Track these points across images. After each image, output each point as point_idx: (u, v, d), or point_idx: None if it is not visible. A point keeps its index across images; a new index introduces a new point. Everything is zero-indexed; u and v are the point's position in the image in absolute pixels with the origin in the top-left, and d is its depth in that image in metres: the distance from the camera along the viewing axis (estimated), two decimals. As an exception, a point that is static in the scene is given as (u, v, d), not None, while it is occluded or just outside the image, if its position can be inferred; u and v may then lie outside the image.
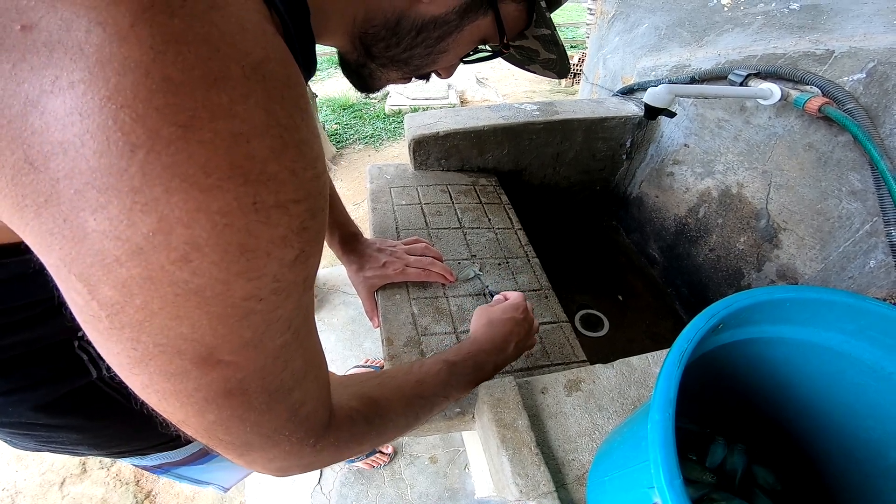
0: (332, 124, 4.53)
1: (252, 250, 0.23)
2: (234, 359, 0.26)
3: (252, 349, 0.26)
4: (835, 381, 0.47)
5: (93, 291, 0.22)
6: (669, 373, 0.34)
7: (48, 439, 0.54)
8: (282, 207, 0.23)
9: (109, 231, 0.20)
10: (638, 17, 1.31)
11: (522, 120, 1.15)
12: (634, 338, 1.18)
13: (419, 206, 1.03)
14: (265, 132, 0.22)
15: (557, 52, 0.54)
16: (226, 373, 0.26)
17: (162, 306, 0.22)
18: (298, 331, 0.30)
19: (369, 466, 1.49)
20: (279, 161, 0.23)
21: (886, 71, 0.70)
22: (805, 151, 0.86)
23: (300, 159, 0.24)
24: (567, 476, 0.53)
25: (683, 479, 0.28)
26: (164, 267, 0.21)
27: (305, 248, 0.26)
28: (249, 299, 0.24)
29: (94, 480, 1.59)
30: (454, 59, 0.49)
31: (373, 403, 0.43)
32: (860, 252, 0.79)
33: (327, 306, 2.05)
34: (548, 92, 5.94)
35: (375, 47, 0.44)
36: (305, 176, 0.25)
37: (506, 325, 0.64)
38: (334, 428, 0.37)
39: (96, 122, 0.19)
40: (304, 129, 0.25)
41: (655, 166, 1.29)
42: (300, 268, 0.26)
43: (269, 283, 0.25)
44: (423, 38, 0.44)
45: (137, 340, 0.23)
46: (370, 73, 0.48)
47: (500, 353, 0.61)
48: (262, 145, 0.22)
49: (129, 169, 0.19)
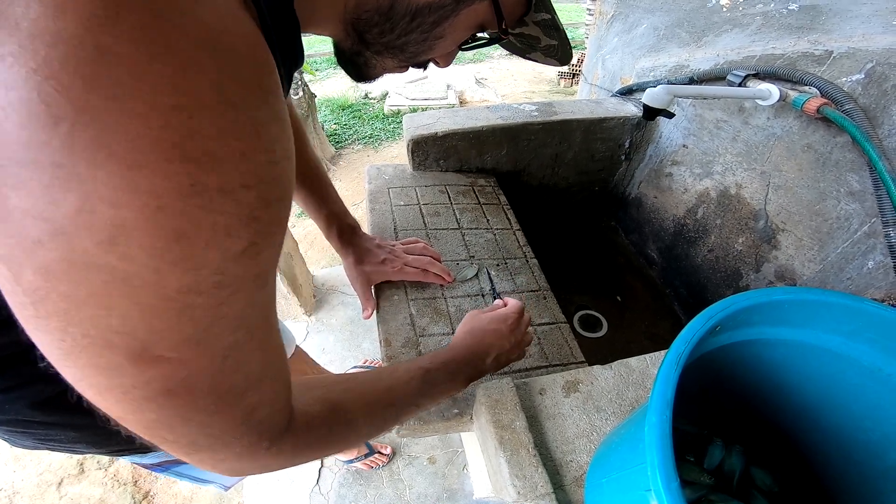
0: (330, 124, 4.53)
1: (189, 237, 0.21)
2: (174, 356, 0.24)
3: (195, 346, 0.24)
4: (833, 382, 0.47)
5: (17, 276, 0.20)
6: (667, 375, 0.34)
7: (46, 437, 0.53)
8: (226, 192, 0.21)
9: (30, 209, 0.19)
10: (637, 18, 1.31)
11: (521, 120, 1.15)
12: (633, 338, 1.18)
13: (418, 206, 1.03)
14: (211, 109, 0.20)
15: (559, 38, 0.52)
16: (165, 370, 0.24)
17: (89, 294, 0.21)
18: (253, 331, 0.28)
19: (368, 467, 1.49)
20: (225, 141, 0.21)
21: (885, 72, 0.70)
22: (803, 152, 0.86)
23: (253, 141, 0.22)
24: (565, 477, 0.53)
25: (681, 480, 0.28)
26: (89, 250, 0.20)
27: (256, 239, 0.24)
28: (187, 292, 0.22)
29: (91, 481, 1.59)
30: (451, 46, 0.48)
31: (336, 409, 0.41)
32: (858, 253, 0.79)
33: (326, 307, 2.05)
34: (546, 92, 5.94)
35: (369, 34, 0.43)
36: (258, 160, 0.23)
37: (487, 336, 0.61)
38: (292, 433, 0.35)
39: (19, 95, 0.17)
40: (262, 111, 0.23)
41: (654, 167, 1.29)
42: (249, 262, 0.24)
43: (211, 275, 0.23)
44: (418, 23, 0.42)
45: (65, 331, 0.22)
46: (365, 62, 0.47)
47: (475, 366, 0.58)
48: (205, 122, 0.20)
49: (52, 142, 0.18)
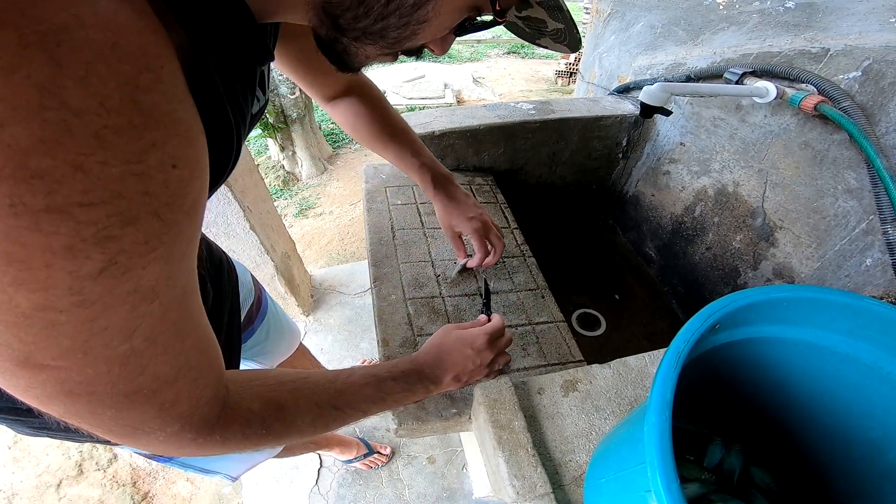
0: (328, 124, 4.52)
1: (21, 260, 0.20)
2: (60, 364, 0.24)
3: (81, 356, 0.24)
4: (832, 380, 0.47)
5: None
6: (666, 375, 0.34)
7: (40, 424, 0.53)
8: (59, 212, 0.19)
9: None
10: (634, 16, 1.31)
11: (518, 119, 1.15)
12: (631, 337, 1.17)
13: (415, 205, 1.02)
14: (33, 116, 0.18)
15: (563, 19, 0.47)
16: (57, 375, 0.24)
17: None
18: (154, 339, 0.27)
19: (367, 467, 1.49)
20: (53, 154, 0.19)
21: (882, 69, 0.70)
22: (801, 150, 0.86)
23: (98, 152, 0.20)
24: (564, 477, 0.52)
25: (681, 477, 0.27)
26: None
27: (118, 259, 0.22)
28: (44, 310, 0.21)
29: (90, 482, 1.58)
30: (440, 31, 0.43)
31: (277, 409, 0.41)
32: (856, 250, 0.79)
33: (324, 307, 2.04)
34: (544, 91, 5.94)
35: (342, 18, 0.38)
36: (109, 174, 0.20)
37: (451, 355, 0.60)
38: (223, 426, 0.35)
39: None
40: (121, 114, 0.20)
41: (651, 165, 1.29)
42: (114, 281, 0.23)
43: (65, 295, 0.21)
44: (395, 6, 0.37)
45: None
46: (344, 49, 0.43)
47: (433, 381, 0.57)
48: (24, 132, 0.18)
49: None
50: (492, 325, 0.64)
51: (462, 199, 0.82)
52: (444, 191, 0.82)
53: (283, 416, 0.42)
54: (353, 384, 0.49)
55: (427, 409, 0.64)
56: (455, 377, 0.59)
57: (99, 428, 0.29)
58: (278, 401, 0.42)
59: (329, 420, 0.47)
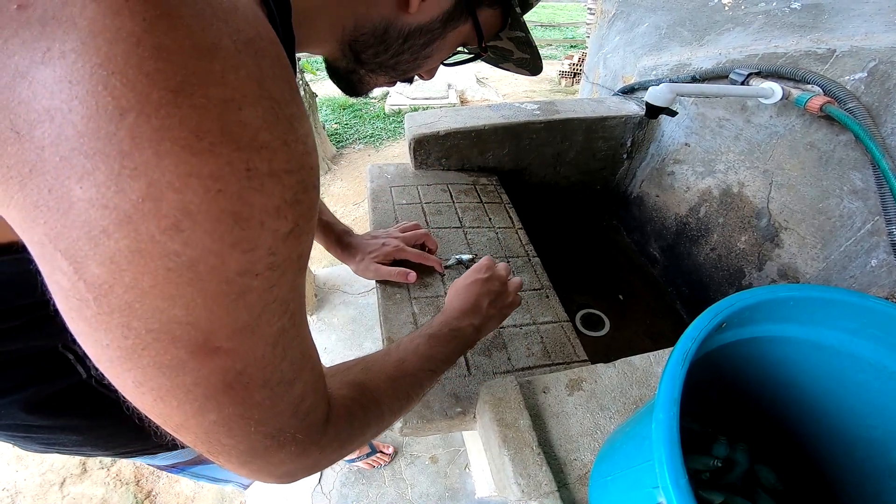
0: (331, 124, 4.53)
1: (246, 219, 0.22)
2: (231, 345, 0.25)
3: (250, 334, 0.25)
4: (837, 379, 0.47)
5: (79, 270, 0.21)
6: (673, 372, 0.34)
7: (49, 441, 0.53)
8: (275, 176, 0.23)
9: (96, 199, 0.19)
10: (638, 17, 1.31)
11: (523, 119, 1.15)
12: (635, 337, 1.17)
13: (420, 205, 1.03)
14: (257, 102, 0.22)
15: (531, 52, 0.57)
16: (224, 363, 0.25)
17: (153, 283, 0.21)
18: (294, 316, 0.29)
19: (370, 466, 1.49)
20: (271, 131, 0.23)
21: (888, 70, 0.70)
22: (806, 150, 0.86)
23: (291, 132, 0.24)
24: (569, 476, 0.53)
25: (691, 469, 0.28)
26: (155, 237, 0.20)
27: (299, 221, 0.25)
28: (245, 274, 0.23)
29: (94, 480, 1.59)
30: (437, 63, 0.53)
31: (363, 389, 0.42)
32: (862, 251, 0.78)
33: (327, 306, 2.05)
34: (548, 91, 5.95)
35: (364, 54, 0.46)
36: (297, 149, 0.24)
37: (471, 287, 0.63)
38: (334, 422, 0.36)
39: (85, 88, 0.18)
40: (294, 106, 0.25)
41: (656, 165, 1.29)
42: (294, 243, 0.25)
43: (265, 256, 0.24)
44: (410, 44, 0.46)
45: (128, 327, 0.22)
46: (360, 79, 0.51)
47: (475, 314, 0.60)
48: (253, 114, 0.22)
49: (118, 132, 0.19)
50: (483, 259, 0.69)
51: (368, 241, 0.85)
52: (351, 246, 0.85)
53: (372, 395, 0.42)
54: (406, 349, 0.51)
55: (432, 408, 0.64)
56: (490, 303, 0.62)
57: (242, 442, 0.29)
58: (360, 382, 0.42)
59: (408, 389, 0.48)
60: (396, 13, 0.43)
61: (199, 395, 0.25)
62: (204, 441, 0.28)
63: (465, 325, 0.59)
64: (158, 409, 0.26)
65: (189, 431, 0.27)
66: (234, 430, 0.28)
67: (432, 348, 0.53)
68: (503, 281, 0.66)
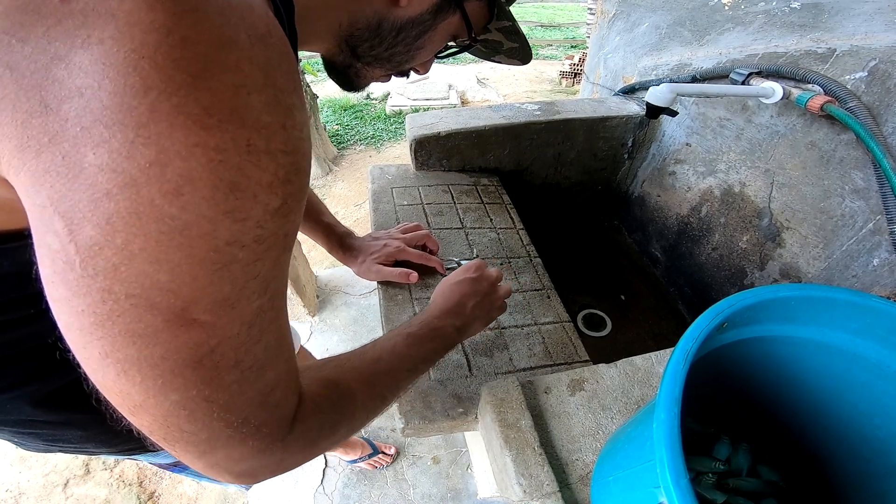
0: (332, 125, 4.54)
1: (241, 190, 0.24)
2: (208, 318, 0.25)
3: (228, 309, 0.26)
4: (840, 379, 0.47)
5: (73, 231, 0.22)
6: (675, 371, 0.34)
7: (53, 438, 0.54)
8: (271, 154, 0.25)
9: (106, 164, 0.21)
10: (638, 17, 1.31)
11: (524, 120, 1.15)
12: (637, 338, 1.17)
13: (421, 206, 1.03)
14: (263, 89, 0.24)
15: (519, 41, 0.59)
16: (198, 336, 0.25)
17: (143, 247, 0.22)
18: (274, 299, 0.29)
19: (372, 467, 1.49)
20: (272, 115, 0.25)
21: (888, 69, 0.70)
22: (807, 150, 0.86)
23: (290, 118, 0.26)
24: (571, 476, 0.53)
25: (693, 471, 0.28)
26: (154, 200, 0.22)
27: (288, 200, 0.27)
28: (233, 244, 0.25)
29: (97, 481, 1.59)
30: (430, 55, 0.55)
31: (335, 386, 0.41)
32: (863, 250, 0.78)
33: (329, 307, 2.05)
34: (548, 92, 5.95)
35: (360, 48, 0.49)
36: (294, 133, 0.26)
37: (458, 287, 0.63)
38: (301, 419, 0.35)
39: (117, 69, 0.20)
40: (295, 96, 0.27)
41: (657, 166, 1.29)
42: (282, 220, 0.27)
43: (253, 227, 0.25)
44: (403, 37, 0.49)
45: (109, 290, 0.23)
46: (356, 73, 0.53)
47: (458, 315, 0.59)
48: (259, 99, 0.24)
49: (139, 107, 0.21)
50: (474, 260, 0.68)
51: (369, 242, 0.85)
52: (352, 248, 0.85)
53: (344, 393, 0.41)
54: (384, 349, 0.50)
55: (434, 409, 0.64)
56: (476, 305, 0.62)
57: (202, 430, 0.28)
58: (332, 379, 0.42)
59: (382, 389, 0.47)
60: (388, 7, 0.45)
61: (166, 369, 0.25)
62: (161, 425, 0.27)
63: (447, 325, 0.58)
64: (120, 384, 0.25)
65: (147, 412, 0.27)
66: (196, 415, 0.27)
67: (410, 347, 0.52)
68: (492, 283, 0.65)
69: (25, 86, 0.21)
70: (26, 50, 0.21)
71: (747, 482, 0.53)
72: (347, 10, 0.45)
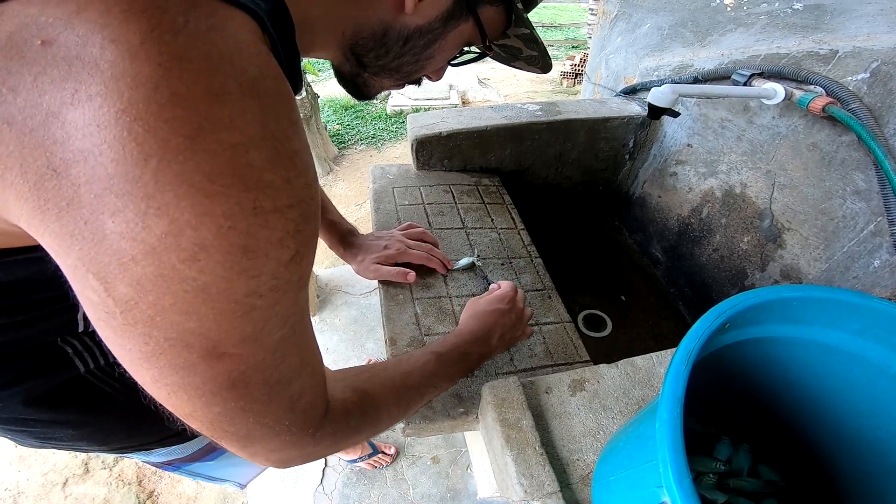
0: (333, 125, 4.54)
1: (253, 251, 0.25)
2: (236, 351, 0.28)
3: (252, 343, 0.28)
4: (840, 380, 0.47)
5: (109, 289, 0.24)
6: (677, 371, 0.34)
7: (45, 435, 0.54)
8: (278, 212, 0.26)
9: (126, 232, 0.22)
10: (640, 18, 1.31)
11: (525, 120, 1.15)
12: (637, 338, 1.17)
13: (422, 206, 1.03)
14: (261, 144, 0.24)
15: (538, 50, 0.57)
16: (229, 365, 0.28)
17: (173, 302, 0.24)
18: (295, 327, 0.32)
19: (372, 467, 1.49)
20: (274, 170, 0.25)
21: (890, 71, 0.70)
22: (809, 151, 0.86)
23: (293, 169, 0.26)
24: (572, 476, 0.53)
25: (694, 471, 0.28)
26: (175, 266, 0.23)
27: (300, 248, 0.28)
28: (250, 296, 0.26)
29: (96, 481, 1.59)
30: (442, 63, 0.53)
31: (366, 395, 0.45)
32: (864, 252, 0.78)
33: (329, 307, 2.05)
34: (549, 92, 5.95)
35: (366, 57, 0.47)
36: (298, 184, 0.27)
37: (489, 316, 0.67)
38: (331, 419, 0.39)
39: (113, 134, 0.21)
40: (295, 141, 0.27)
41: (658, 166, 1.29)
42: (295, 267, 0.28)
43: (268, 280, 0.27)
44: (411, 46, 0.47)
45: (149, 335, 0.25)
46: (364, 82, 0.52)
47: (484, 344, 0.65)
48: (259, 156, 0.24)
49: (143, 176, 0.21)
50: (506, 284, 0.74)
51: (371, 242, 0.85)
52: (354, 246, 0.85)
53: (373, 402, 0.46)
54: (416, 364, 0.55)
55: (435, 409, 0.64)
56: (500, 337, 0.67)
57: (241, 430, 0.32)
58: (364, 388, 0.46)
59: (408, 400, 0.52)
60: (394, 16, 0.43)
61: (207, 391, 0.28)
62: (209, 428, 0.32)
63: (473, 353, 0.63)
64: (172, 401, 0.29)
65: (196, 419, 0.31)
66: (236, 420, 0.31)
67: (439, 367, 0.57)
68: (520, 315, 0.71)
69: (28, 145, 0.21)
70: (19, 102, 0.21)
71: (748, 482, 0.53)
72: (351, 19, 0.43)
